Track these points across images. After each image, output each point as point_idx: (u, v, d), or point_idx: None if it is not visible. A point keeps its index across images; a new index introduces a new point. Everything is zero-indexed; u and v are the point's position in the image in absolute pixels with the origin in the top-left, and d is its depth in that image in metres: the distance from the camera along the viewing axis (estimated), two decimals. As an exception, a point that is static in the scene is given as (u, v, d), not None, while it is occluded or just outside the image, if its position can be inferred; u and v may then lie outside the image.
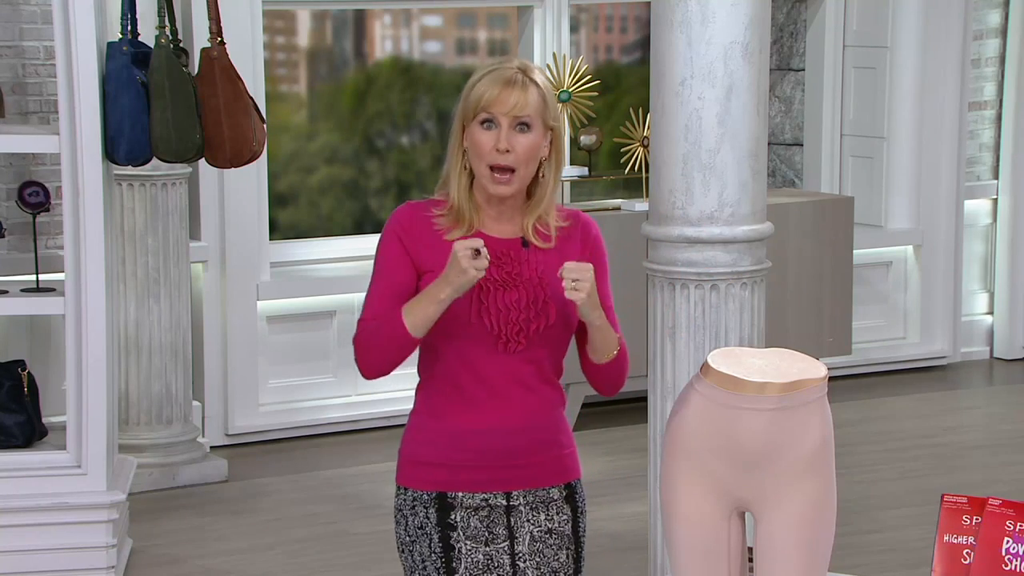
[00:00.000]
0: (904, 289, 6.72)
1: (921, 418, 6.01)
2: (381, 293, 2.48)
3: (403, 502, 2.50)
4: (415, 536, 2.46)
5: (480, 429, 2.47)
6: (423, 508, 2.46)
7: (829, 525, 2.47)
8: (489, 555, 2.44)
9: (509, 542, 2.46)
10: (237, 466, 5.35)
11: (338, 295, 5.80)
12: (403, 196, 6.33)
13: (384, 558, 4.50)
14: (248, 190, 5.57)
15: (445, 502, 2.46)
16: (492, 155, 2.43)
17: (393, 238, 2.48)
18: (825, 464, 2.47)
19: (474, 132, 2.45)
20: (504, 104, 2.43)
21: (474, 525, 2.45)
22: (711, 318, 3.44)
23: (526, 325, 2.45)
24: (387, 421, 5.84)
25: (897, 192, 6.67)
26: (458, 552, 2.43)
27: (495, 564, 2.44)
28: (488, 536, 2.45)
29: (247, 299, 5.61)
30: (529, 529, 2.47)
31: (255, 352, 5.63)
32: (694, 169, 3.36)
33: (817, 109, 6.72)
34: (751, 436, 2.42)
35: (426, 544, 2.46)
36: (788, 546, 2.44)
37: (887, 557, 4.46)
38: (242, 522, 4.83)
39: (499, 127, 2.43)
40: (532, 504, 2.48)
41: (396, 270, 2.48)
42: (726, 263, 3.42)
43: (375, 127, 6.30)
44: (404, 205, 2.52)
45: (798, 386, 2.42)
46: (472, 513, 2.46)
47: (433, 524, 2.45)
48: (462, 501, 2.46)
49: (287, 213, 6.17)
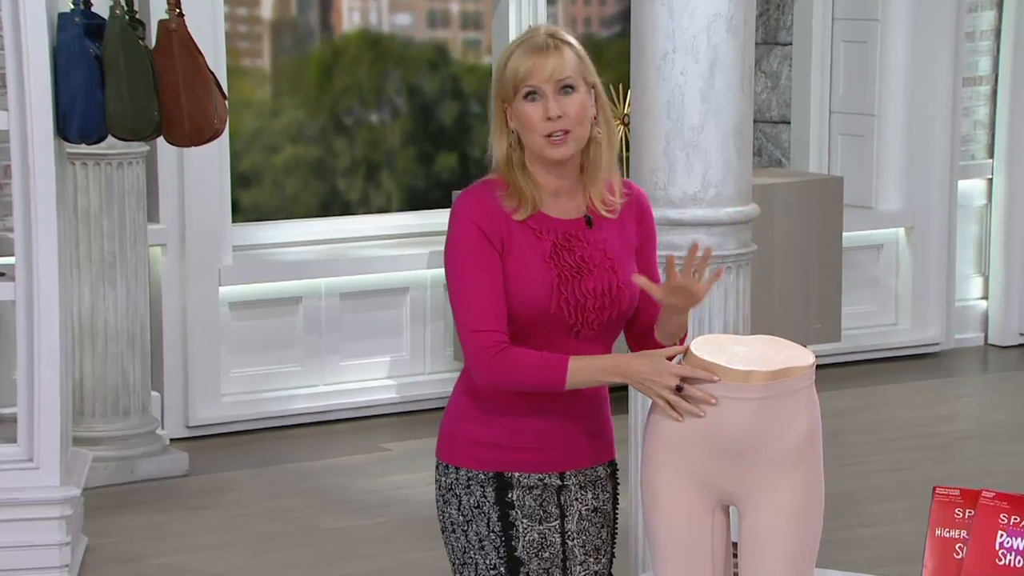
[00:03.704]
0: (895, 273, 6.75)
1: (913, 407, 6.04)
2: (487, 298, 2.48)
3: (455, 481, 2.56)
4: (471, 515, 2.54)
5: (543, 413, 2.53)
6: (479, 487, 2.53)
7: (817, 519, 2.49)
8: (543, 533, 2.54)
9: (560, 520, 2.57)
10: (198, 460, 5.34)
11: (304, 280, 5.79)
12: (372, 176, 6.32)
13: (355, 554, 4.50)
14: (209, 170, 5.54)
15: (503, 481, 2.53)
16: (544, 125, 2.49)
17: (473, 230, 2.49)
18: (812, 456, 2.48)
19: (520, 108, 2.50)
20: (543, 71, 2.48)
21: (529, 504, 2.54)
22: (694, 303, 3.44)
23: (600, 313, 2.53)
24: (356, 412, 5.83)
25: (888, 172, 6.70)
26: (517, 530, 2.52)
27: (548, 543, 2.55)
28: (542, 515, 2.55)
29: (208, 284, 5.59)
30: (578, 508, 2.58)
31: (217, 340, 5.61)
32: (676, 148, 3.36)
33: (805, 85, 6.73)
34: (735, 427, 2.43)
35: (484, 523, 2.53)
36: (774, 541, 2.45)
37: (878, 552, 4.49)
38: (204, 518, 4.83)
39: (544, 96, 2.49)
40: (582, 483, 2.59)
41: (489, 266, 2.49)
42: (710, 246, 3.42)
43: (343, 103, 6.28)
44: (468, 193, 2.53)
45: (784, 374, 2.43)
46: (527, 492, 2.54)
47: (492, 503, 2.53)
48: (519, 480, 2.54)
49: (250, 194, 6.15)
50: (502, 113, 2.52)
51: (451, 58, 6.42)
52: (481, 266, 2.48)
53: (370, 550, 4.55)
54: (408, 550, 4.54)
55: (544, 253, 2.50)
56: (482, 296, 2.47)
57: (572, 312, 2.50)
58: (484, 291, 2.47)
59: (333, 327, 5.83)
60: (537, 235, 2.50)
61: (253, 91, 6.19)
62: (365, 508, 4.91)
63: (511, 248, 2.49)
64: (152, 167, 5.44)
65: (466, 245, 2.49)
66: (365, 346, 5.89)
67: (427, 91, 6.38)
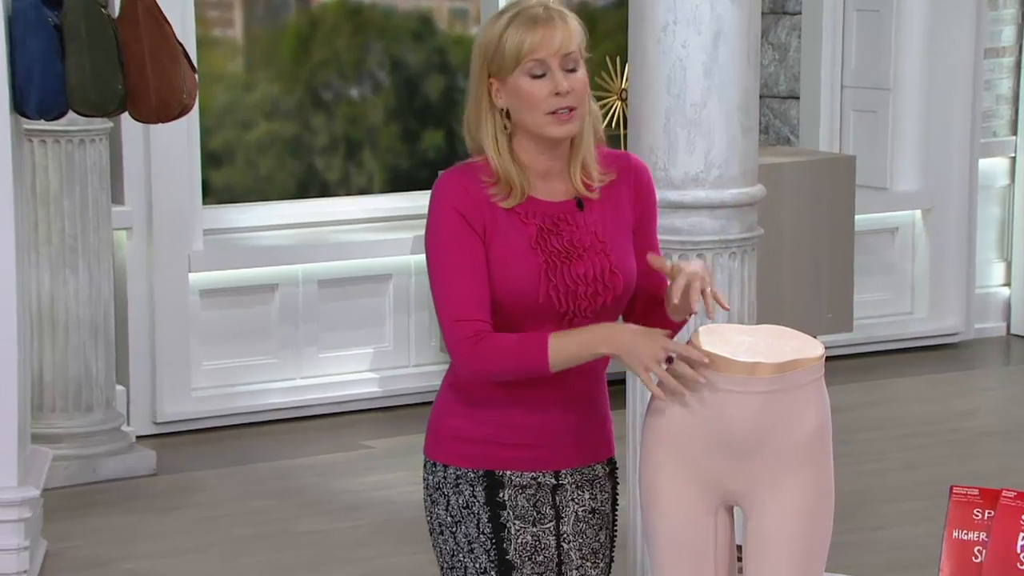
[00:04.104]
0: (911, 258, 6.77)
1: (930, 402, 6.07)
2: (467, 284, 2.49)
3: (443, 480, 2.57)
4: (460, 516, 2.55)
5: (536, 406, 2.54)
6: (469, 486, 2.54)
7: (826, 520, 2.51)
8: (537, 536, 2.55)
9: (555, 522, 2.57)
10: (166, 458, 5.35)
11: (280, 266, 5.79)
12: (353, 155, 6.33)
13: (334, 559, 4.52)
14: (177, 148, 5.55)
15: (494, 480, 2.54)
16: (551, 101, 2.49)
17: (454, 215, 2.50)
18: (822, 453, 2.50)
19: (521, 85, 2.50)
20: (550, 44, 2.49)
21: (522, 504, 2.55)
22: (696, 291, 3.46)
23: (593, 300, 2.53)
24: (335, 407, 5.85)
25: (904, 150, 6.71)
26: (508, 532, 2.53)
27: (542, 546, 2.56)
28: (535, 516, 2.55)
29: (177, 270, 5.60)
30: (574, 509, 2.59)
31: (186, 330, 5.62)
32: (677, 125, 3.37)
33: (815, 57, 6.74)
34: (740, 422, 2.45)
35: (473, 524, 2.55)
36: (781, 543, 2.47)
37: (891, 556, 4.52)
38: (172, 520, 4.84)
39: (550, 71, 2.50)
40: (578, 483, 2.59)
41: (470, 252, 2.50)
42: (713, 230, 3.44)
43: (321, 77, 6.28)
44: (449, 174, 2.54)
45: (792, 366, 2.45)
46: (520, 492, 2.55)
47: (481, 503, 2.54)
48: (511, 479, 2.55)
49: (221, 174, 6.15)
50: (486, 91, 2.51)
51: (437, 29, 6.43)
52: (462, 252, 2.49)
53: (350, 554, 4.57)
54: (391, 554, 4.56)
55: (529, 238, 2.51)
56: (462, 283, 2.48)
57: (563, 299, 2.51)
58: (465, 278, 2.48)
59: (311, 316, 5.85)
60: (522, 220, 2.51)
61: (224, 63, 6.19)
62: (345, 509, 4.93)
63: (495, 234, 2.50)
64: (116, 145, 5.44)
65: (446, 230, 2.50)
66: (345, 337, 5.90)
67: (411, 64, 6.39)
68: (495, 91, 2.52)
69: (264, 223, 6.01)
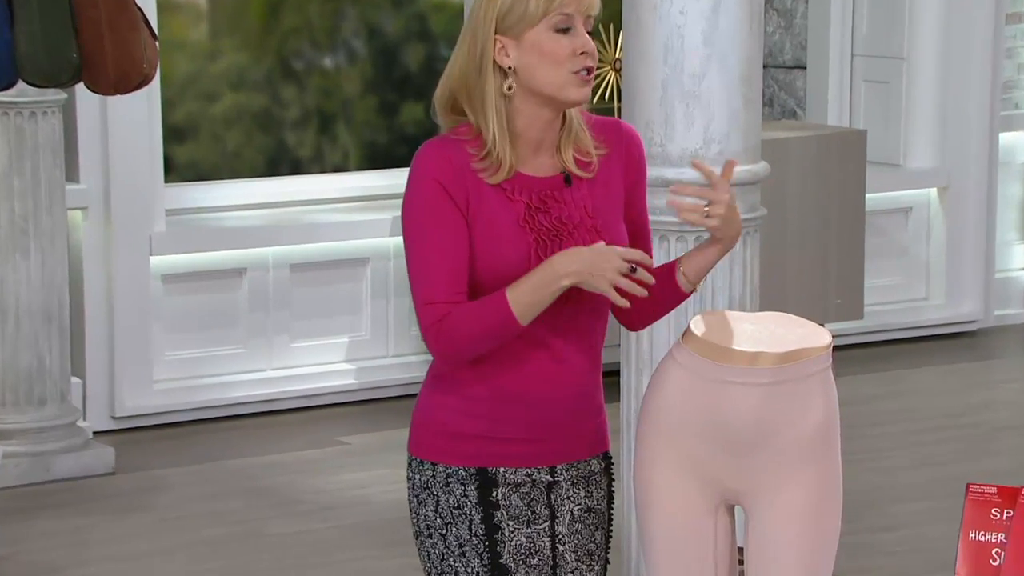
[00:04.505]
0: (926, 240, 6.80)
1: (945, 394, 6.09)
2: (444, 265, 2.50)
3: (432, 479, 2.58)
4: (450, 517, 2.56)
5: (529, 396, 2.56)
6: (460, 485, 2.56)
7: (833, 521, 2.52)
8: (531, 537, 2.57)
9: (550, 522, 2.59)
10: (126, 455, 5.35)
11: (248, 249, 5.80)
12: (327, 130, 6.33)
13: (307, 563, 4.53)
14: (137, 121, 5.54)
15: (487, 477, 2.56)
16: (575, 60, 2.51)
17: (434, 187, 2.50)
18: (828, 449, 2.51)
19: (543, 40, 2.51)
20: (580, 0, 2.52)
21: (516, 504, 2.57)
22: (695, 276, 3.46)
23: None
24: (308, 401, 5.86)
25: (918, 124, 6.73)
26: (502, 533, 2.55)
27: (536, 548, 2.57)
28: (530, 516, 2.57)
29: (137, 254, 5.60)
30: (570, 508, 2.61)
31: (147, 318, 5.62)
32: (675, 98, 3.38)
33: (823, 24, 6.75)
34: (741, 416, 2.46)
35: (465, 526, 2.56)
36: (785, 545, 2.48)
37: (904, 559, 4.54)
38: (132, 523, 4.85)
39: (575, 28, 2.53)
40: (574, 479, 2.61)
41: (450, 229, 2.50)
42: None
43: (291, 45, 6.27)
44: (431, 144, 2.54)
45: (797, 356, 2.46)
46: (514, 490, 2.57)
47: (474, 503, 2.55)
48: (504, 477, 2.56)
49: (185, 150, 6.15)
50: (491, 50, 2.51)
51: (416, -7, 6.42)
52: (441, 227, 2.49)
53: (325, 558, 4.58)
54: (367, 558, 4.58)
55: (517, 216, 2.51)
56: (439, 263, 2.49)
57: None
58: (441, 257, 2.48)
59: (282, 303, 5.85)
60: (509, 196, 2.52)
61: (187, 30, 6.18)
62: (319, 510, 4.94)
63: (479, 211, 2.50)
64: (71, 118, 5.43)
65: (425, 204, 2.50)
66: (319, 325, 5.91)
67: (389, 32, 6.38)
68: (499, 50, 2.51)
69: (231, 202, 6.01)
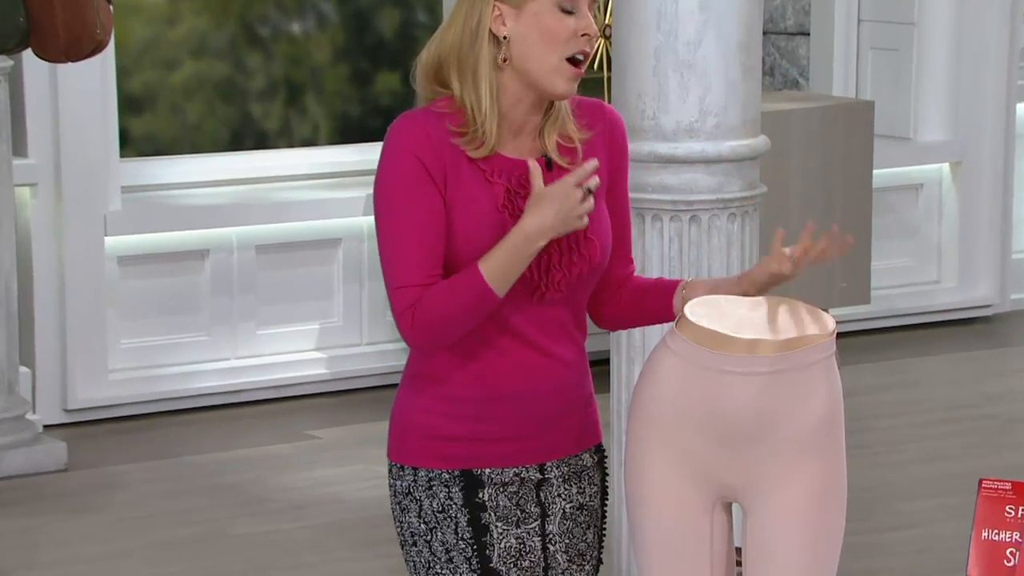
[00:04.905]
0: (938, 219, 6.81)
1: (958, 384, 6.11)
2: (418, 245, 2.50)
3: (413, 484, 2.59)
4: (435, 522, 2.57)
5: (512, 392, 2.57)
6: (444, 488, 2.57)
7: (837, 519, 2.54)
8: (520, 538, 2.59)
9: (540, 521, 2.61)
10: (79, 451, 5.35)
11: (211, 229, 5.80)
12: (294, 99, 6.33)
13: (275, 565, 4.54)
14: (90, 91, 5.53)
15: (472, 479, 2.57)
16: (575, 43, 2.50)
17: (411, 161, 2.49)
18: (832, 442, 2.53)
19: (546, 15, 2.50)
20: None
21: (504, 504, 2.58)
22: (690, 258, 3.48)
23: (568, 270, 2.56)
24: (276, 392, 5.86)
25: (930, 94, 6.74)
26: (490, 535, 2.57)
27: (526, 549, 2.59)
28: (519, 516, 2.59)
29: (91, 234, 5.59)
30: (561, 505, 2.63)
31: (102, 303, 5.62)
32: (668, 67, 3.39)
33: (829, -13, 6.76)
34: (740, 407, 2.48)
35: (451, 530, 2.57)
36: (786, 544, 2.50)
37: (912, 560, 4.56)
38: (87, 522, 4.85)
39: (579, 9, 2.52)
40: (565, 476, 2.63)
41: (426, 207, 2.50)
42: (709, 188, 3.46)
43: (256, 9, 6.26)
44: (408, 116, 2.54)
45: (798, 343, 2.48)
46: (501, 490, 2.58)
47: (459, 505, 2.57)
48: (491, 477, 2.58)
49: (142, 122, 6.14)
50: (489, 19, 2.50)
51: (391, -47, 6.42)
52: (417, 205, 2.49)
53: (294, 560, 4.59)
54: (340, 559, 4.59)
55: (496, 200, 2.52)
56: (414, 243, 2.49)
57: (534, 269, 2.52)
58: (416, 237, 2.48)
59: (247, 287, 5.85)
60: (488, 178, 2.52)
61: (145, -7, 6.17)
62: (288, 509, 4.95)
63: (457, 192, 2.51)
64: (17, 87, 5.42)
65: (400, 179, 2.50)
66: (287, 311, 5.91)
67: (362, -6, 6.37)
68: (496, 17, 2.51)
69: (192, 179, 6.01)
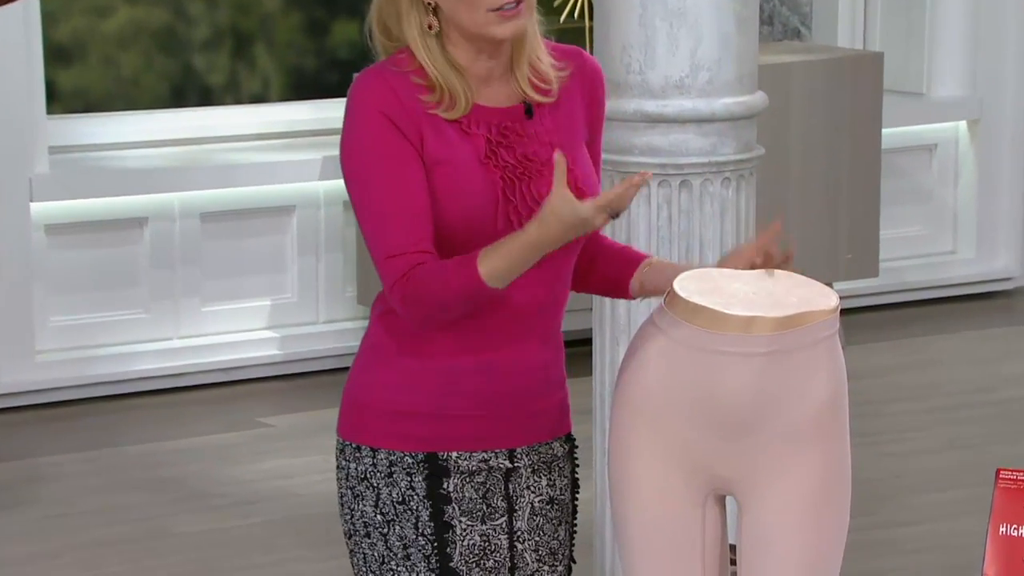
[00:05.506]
0: (954, 183, 6.84)
1: (976, 364, 6.14)
2: (401, 209, 2.52)
3: (371, 469, 2.59)
4: (393, 514, 2.58)
5: (486, 365, 2.59)
6: (406, 475, 2.57)
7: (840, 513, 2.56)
8: (486, 536, 2.60)
9: (507, 517, 2.63)
10: (4, 440, 5.35)
11: (150, 195, 5.80)
12: (242, 50, 6.32)
13: (221, 565, 4.56)
14: (12, 42, 5.52)
15: (437, 465, 2.58)
16: None
17: (381, 120, 2.52)
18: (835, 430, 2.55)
19: None
20: None
21: (469, 496, 2.59)
22: (680, 227, 3.50)
23: None
24: (223, 376, 5.87)
25: (944, 46, 6.75)
26: (453, 532, 2.58)
27: (492, 548, 2.61)
28: (485, 510, 2.60)
29: (15, 200, 5.59)
30: (530, 499, 2.65)
31: (28, 277, 5.62)
32: (656, 16, 3.40)
33: (833, -73, 6.77)
34: (734, 391, 2.50)
35: (411, 524, 2.58)
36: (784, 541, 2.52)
37: (924, 558, 4.59)
38: (12, 520, 4.85)
39: None
40: (534, 465, 2.65)
41: (405, 167, 2.51)
42: (701, 150, 3.48)
43: (199, -50, 6.26)
44: (370, 73, 2.56)
45: (798, 321, 2.50)
46: (467, 480, 2.59)
47: (421, 497, 2.57)
48: (457, 464, 2.59)
49: (71, 75, 6.13)
50: None
51: None
52: (395, 166, 2.51)
53: (243, 560, 4.61)
54: (294, 559, 4.61)
55: (478, 153, 2.55)
56: (397, 208, 2.51)
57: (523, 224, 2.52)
58: (399, 201, 2.51)
59: (191, 259, 5.86)
60: (465, 130, 2.56)
61: (75, -68, 6.15)
62: (236, 504, 4.96)
63: (434, 149, 2.53)
64: (-64, 38, 5.42)
65: (371, 141, 2.52)
66: (236, 285, 5.92)
67: (316, -66, 6.37)
68: None
69: (128, 139, 6.00)
